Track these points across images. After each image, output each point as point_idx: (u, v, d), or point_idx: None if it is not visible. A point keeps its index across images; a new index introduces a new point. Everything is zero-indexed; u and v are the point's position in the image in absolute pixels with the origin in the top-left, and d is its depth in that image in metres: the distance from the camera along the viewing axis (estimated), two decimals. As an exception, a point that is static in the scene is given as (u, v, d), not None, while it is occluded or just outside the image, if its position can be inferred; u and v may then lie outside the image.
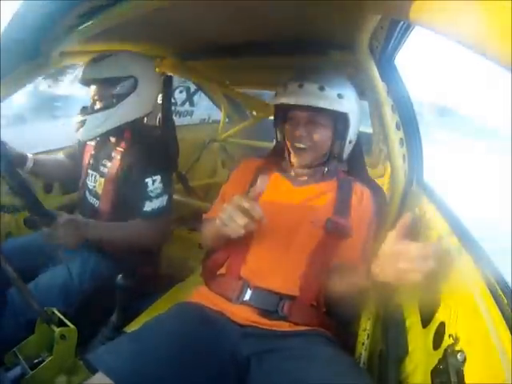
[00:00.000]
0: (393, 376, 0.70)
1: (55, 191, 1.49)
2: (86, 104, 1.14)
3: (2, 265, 0.78)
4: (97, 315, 0.99)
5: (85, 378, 0.77)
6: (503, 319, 0.50)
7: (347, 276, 0.80)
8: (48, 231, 0.96)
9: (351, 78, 1.05)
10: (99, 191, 1.16)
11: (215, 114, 2.54)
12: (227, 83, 2.07)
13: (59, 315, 0.82)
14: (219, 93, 2.17)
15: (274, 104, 0.93)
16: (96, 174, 1.18)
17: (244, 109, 2.48)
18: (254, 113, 2.23)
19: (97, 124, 1.07)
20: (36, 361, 0.76)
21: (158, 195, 1.08)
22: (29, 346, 0.80)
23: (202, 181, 2.21)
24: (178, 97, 2.45)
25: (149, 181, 1.07)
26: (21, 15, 0.60)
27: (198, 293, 0.91)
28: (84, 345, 0.87)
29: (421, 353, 0.67)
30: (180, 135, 1.47)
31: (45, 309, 0.81)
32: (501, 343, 0.47)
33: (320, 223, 0.86)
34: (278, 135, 0.97)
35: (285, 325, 0.80)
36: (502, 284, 0.58)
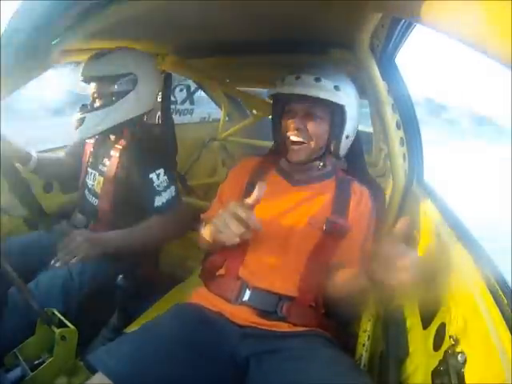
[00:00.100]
0: (393, 377, 0.70)
1: (55, 190, 1.49)
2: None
3: (2, 265, 0.78)
4: (97, 316, 0.99)
5: (85, 379, 0.77)
6: (503, 319, 0.50)
7: (346, 276, 0.80)
8: (64, 247, 0.96)
9: (351, 77, 1.04)
10: (98, 190, 1.15)
11: (215, 113, 2.52)
12: (228, 81, 2.07)
13: (59, 316, 0.81)
14: (219, 91, 2.16)
15: (271, 98, 0.93)
16: (95, 173, 1.17)
17: (244, 107, 2.47)
18: (255, 111, 2.22)
19: (96, 122, 1.06)
20: (36, 362, 0.76)
21: (166, 188, 1.08)
22: (29, 347, 0.80)
23: (202, 180, 2.20)
24: (178, 95, 2.43)
25: (153, 176, 1.07)
26: (21, 14, 0.60)
27: (197, 294, 0.91)
28: (84, 346, 0.87)
29: (421, 354, 0.66)
30: (180, 134, 1.46)
31: (45, 309, 0.80)
32: (501, 343, 0.47)
33: (318, 224, 0.85)
34: (276, 132, 0.94)
35: (284, 325, 0.80)
36: (502, 284, 0.58)
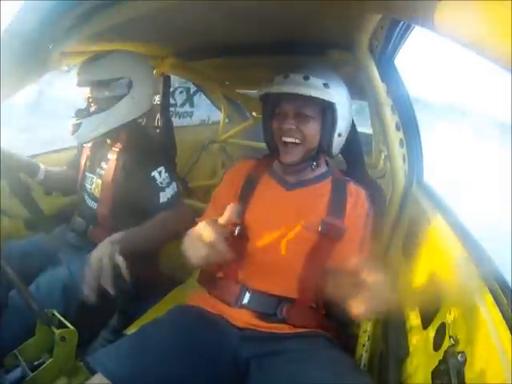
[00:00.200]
0: (393, 377, 0.70)
1: (55, 193, 1.48)
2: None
3: (2, 266, 0.78)
4: (97, 317, 0.99)
5: (85, 380, 0.77)
6: (503, 319, 0.50)
7: (340, 280, 0.80)
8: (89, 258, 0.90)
9: (351, 78, 1.04)
10: (97, 194, 1.15)
11: (215, 115, 2.53)
12: (227, 84, 2.07)
13: (59, 317, 0.81)
14: (219, 93, 2.17)
15: (261, 100, 0.91)
16: (93, 177, 1.17)
17: (244, 109, 2.47)
18: (254, 113, 2.23)
19: (93, 127, 1.06)
20: (36, 363, 0.76)
21: (169, 184, 1.08)
22: (29, 348, 0.80)
23: (202, 182, 2.20)
24: (178, 98, 2.44)
25: (155, 174, 1.06)
26: (21, 16, 0.60)
27: (197, 296, 0.91)
28: (84, 346, 0.87)
29: (421, 354, 0.66)
30: (180, 136, 1.46)
31: (45, 310, 0.80)
32: (501, 343, 0.47)
33: (314, 227, 0.84)
34: (267, 134, 0.92)
35: (284, 327, 0.80)
36: (502, 284, 0.58)
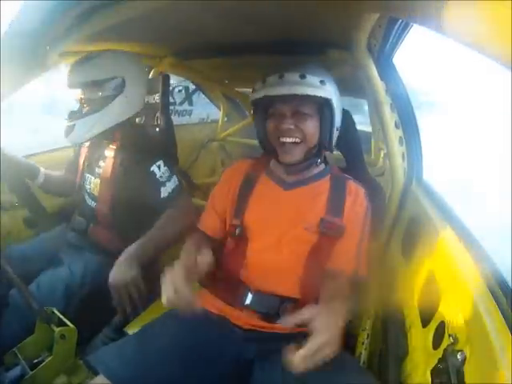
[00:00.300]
0: (393, 375, 0.70)
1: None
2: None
3: (2, 266, 0.78)
4: (97, 315, 0.99)
5: (85, 378, 0.77)
6: (503, 319, 0.50)
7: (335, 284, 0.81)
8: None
9: (349, 77, 1.04)
10: (96, 193, 1.15)
11: (214, 114, 2.52)
12: (226, 82, 2.06)
13: (59, 315, 0.81)
14: (218, 92, 2.16)
15: (253, 101, 0.88)
16: (91, 177, 1.17)
17: (243, 108, 2.47)
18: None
19: (87, 128, 1.06)
20: (36, 361, 0.76)
21: (169, 177, 1.07)
22: (29, 346, 0.80)
23: (202, 180, 2.20)
24: (177, 96, 2.42)
25: (154, 168, 1.06)
26: (22, 15, 0.60)
27: (199, 296, 0.91)
28: (84, 344, 0.87)
29: (421, 352, 0.67)
30: (179, 135, 1.46)
31: (44, 308, 0.80)
32: (500, 343, 0.47)
33: (314, 228, 0.84)
34: (262, 136, 0.90)
35: (287, 327, 0.79)
36: (502, 284, 0.58)
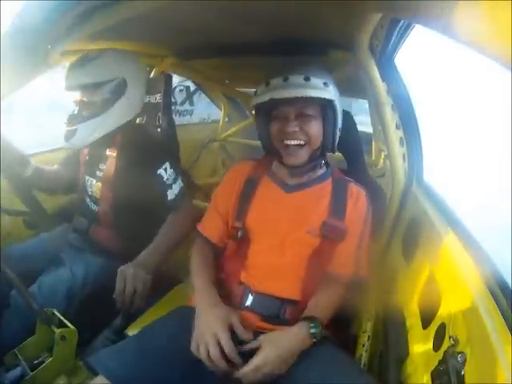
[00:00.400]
0: (393, 377, 0.70)
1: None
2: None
3: (2, 267, 0.78)
4: (97, 316, 0.99)
5: (85, 379, 0.77)
6: (503, 319, 0.50)
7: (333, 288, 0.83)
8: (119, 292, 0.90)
9: (351, 77, 1.04)
10: (97, 196, 1.14)
11: (215, 114, 2.53)
12: (227, 82, 2.06)
13: (59, 316, 0.81)
14: (219, 92, 2.17)
15: (257, 103, 0.87)
16: (92, 180, 1.16)
17: (244, 108, 2.47)
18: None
19: (89, 132, 1.03)
20: (36, 362, 0.76)
21: (175, 180, 1.07)
22: (29, 347, 0.80)
23: (203, 180, 2.20)
24: (178, 96, 2.43)
25: (161, 171, 1.05)
26: (21, 15, 0.60)
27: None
28: (84, 346, 0.87)
29: (421, 354, 0.67)
30: (180, 135, 1.46)
31: (45, 310, 0.80)
32: (500, 344, 0.47)
33: (316, 231, 0.84)
34: (265, 138, 0.90)
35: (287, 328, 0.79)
36: (502, 284, 0.58)
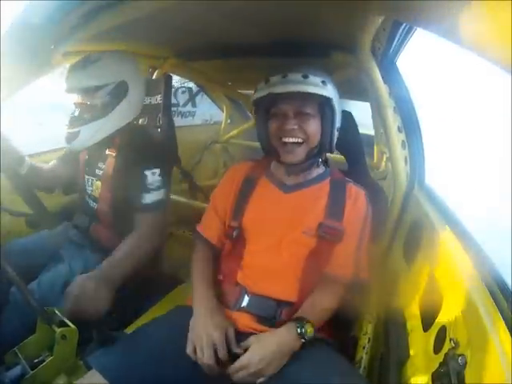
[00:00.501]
0: (394, 379, 0.69)
1: (57, 191, 1.49)
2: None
3: (2, 264, 0.78)
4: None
5: (85, 379, 0.77)
6: (503, 321, 0.50)
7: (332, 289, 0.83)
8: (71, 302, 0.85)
9: (353, 79, 1.04)
10: (97, 195, 1.15)
11: (217, 115, 2.53)
12: (229, 84, 2.07)
13: (60, 315, 0.81)
14: (221, 94, 2.17)
15: (255, 100, 0.88)
16: (92, 179, 1.17)
17: (246, 110, 2.48)
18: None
19: (91, 134, 1.05)
20: (36, 360, 0.76)
21: (158, 188, 1.06)
22: (29, 346, 0.80)
23: (204, 182, 2.20)
24: (181, 97, 2.44)
25: (148, 173, 1.05)
26: (23, 16, 0.61)
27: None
28: (85, 345, 0.87)
29: (422, 356, 0.66)
30: (182, 136, 1.46)
31: (46, 309, 0.80)
32: (501, 345, 0.47)
33: (312, 232, 0.83)
34: (263, 136, 0.89)
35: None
36: (502, 286, 0.58)
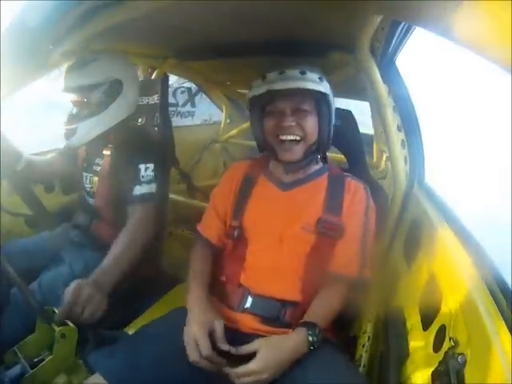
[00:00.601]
0: (393, 378, 0.69)
1: (56, 191, 1.49)
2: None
3: (2, 264, 0.78)
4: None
5: (85, 378, 0.77)
6: (503, 320, 0.50)
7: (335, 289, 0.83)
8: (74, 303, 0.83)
9: (352, 79, 1.04)
10: (94, 190, 1.16)
11: (217, 115, 2.53)
12: (228, 84, 2.07)
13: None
14: (220, 93, 2.17)
15: (251, 98, 0.87)
16: (90, 175, 1.18)
17: (245, 109, 2.47)
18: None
19: (87, 130, 1.08)
20: (36, 360, 0.76)
21: (149, 182, 1.08)
22: (29, 345, 0.80)
23: (204, 181, 2.20)
24: (180, 97, 2.43)
25: (142, 167, 1.08)
26: (20, 17, 0.61)
27: None
28: (84, 344, 0.87)
29: (421, 355, 0.67)
30: (182, 136, 1.47)
31: (45, 308, 0.80)
32: (501, 344, 0.47)
33: (311, 228, 0.83)
34: (259, 135, 0.88)
35: (288, 331, 0.78)
36: (502, 285, 0.58)
